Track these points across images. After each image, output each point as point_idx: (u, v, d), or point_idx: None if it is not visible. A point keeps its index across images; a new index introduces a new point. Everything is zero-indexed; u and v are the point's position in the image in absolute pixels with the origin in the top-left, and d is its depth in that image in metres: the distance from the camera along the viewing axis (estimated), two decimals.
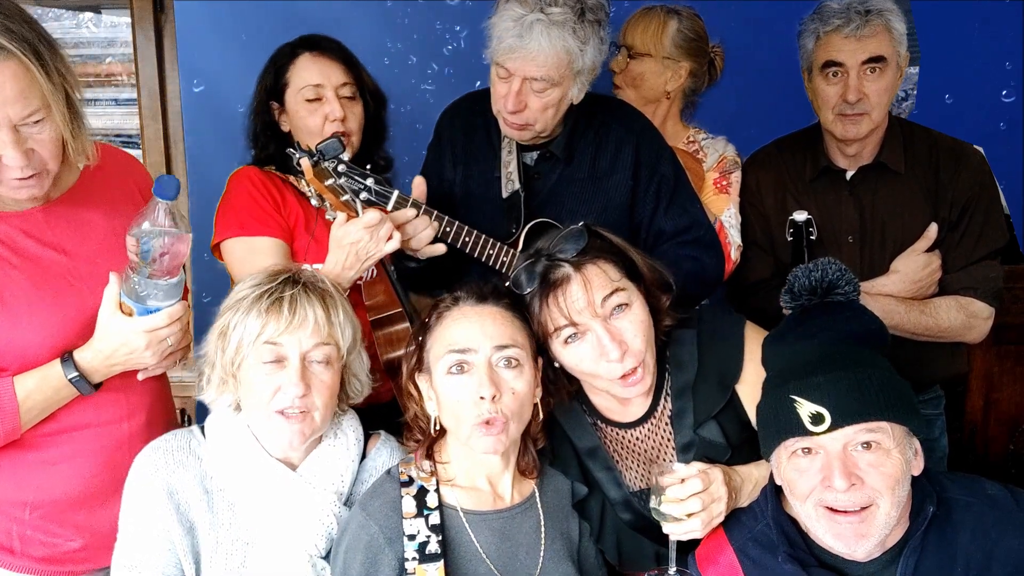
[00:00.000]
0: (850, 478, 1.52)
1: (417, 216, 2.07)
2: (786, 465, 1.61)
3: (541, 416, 1.79)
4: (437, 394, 1.73)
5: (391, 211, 2.04)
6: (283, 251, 2.20)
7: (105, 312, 1.73)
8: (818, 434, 1.54)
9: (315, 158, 1.95)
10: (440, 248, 2.10)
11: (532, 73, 2.08)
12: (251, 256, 2.18)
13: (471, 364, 1.69)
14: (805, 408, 1.54)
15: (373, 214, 1.97)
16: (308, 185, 2.00)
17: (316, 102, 2.28)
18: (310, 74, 2.29)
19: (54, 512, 1.81)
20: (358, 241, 1.97)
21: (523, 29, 2.04)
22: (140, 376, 1.83)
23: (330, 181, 1.96)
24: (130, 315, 1.74)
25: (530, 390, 1.72)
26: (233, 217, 2.22)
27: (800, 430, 1.55)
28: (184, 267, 1.77)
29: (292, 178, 2.29)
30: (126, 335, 1.73)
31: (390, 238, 1.99)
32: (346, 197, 1.98)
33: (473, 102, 2.37)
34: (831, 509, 1.56)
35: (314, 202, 2.02)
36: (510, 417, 1.68)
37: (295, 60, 2.32)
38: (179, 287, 1.75)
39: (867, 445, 1.54)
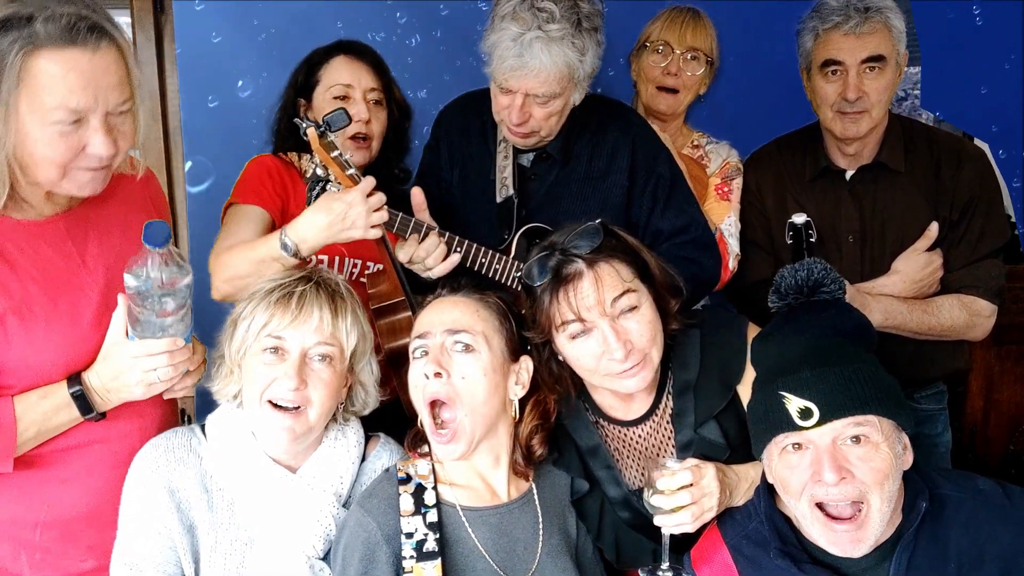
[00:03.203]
0: (840, 471, 1.53)
1: (421, 241, 2.09)
2: (777, 463, 1.61)
3: (530, 419, 1.80)
4: None
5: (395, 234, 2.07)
6: (263, 220, 2.21)
7: (110, 336, 1.71)
8: (807, 428, 1.55)
9: (321, 128, 1.96)
10: (454, 260, 2.12)
11: (535, 89, 2.10)
12: (233, 219, 2.21)
13: (427, 349, 1.73)
14: (793, 403, 1.55)
15: (370, 180, 1.98)
16: (312, 157, 2.00)
17: (343, 102, 2.33)
18: (341, 75, 2.37)
19: (67, 532, 1.78)
20: (353, 204, 1.95)
21: (523, 48, 2.05)
22: (167, 396, 1.80)
23: (336, 153, 1.97)
24: None
25: (487, 378, 1.72)
26: (235, 189, 2.28)
27: (789, 425, 1.56)
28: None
29: (304, 158, 2.32)
30: (117, 359, 1.69)
31: (379, 209, 1.99)
32: (352, 171, 1.99)
33: (470, 103, 2.37)
34: (829, 516, 1.56)
35: (319, 170, 2.00)
36: (458, 404, 1.70)
37: (330, 60, 2.39)
38: (185, 319, 1.69)
39: (856, 439, 1.55)
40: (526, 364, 1.80)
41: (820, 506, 1.57)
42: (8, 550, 1.75)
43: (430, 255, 2.09)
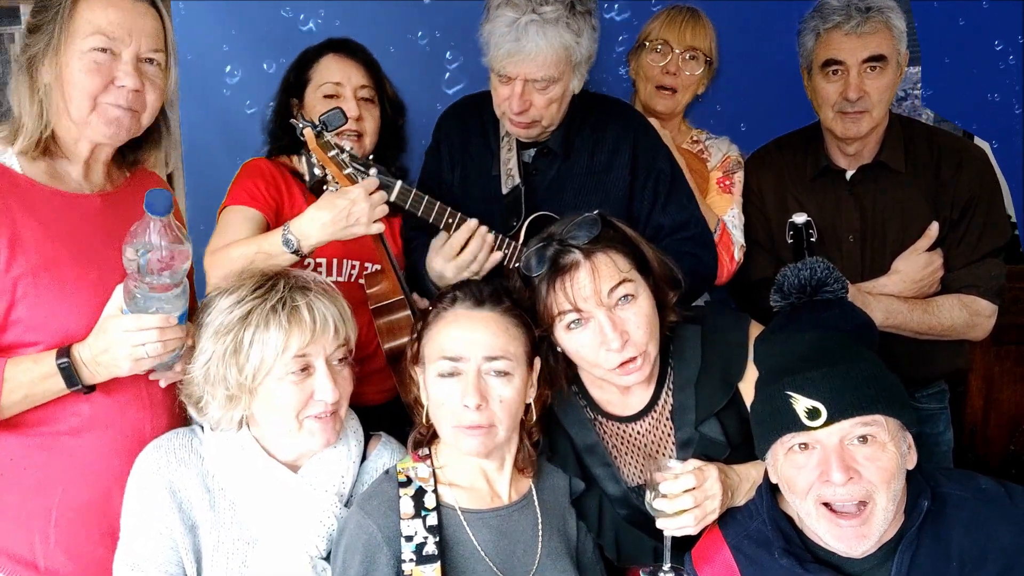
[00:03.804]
0: (848, 471, 1.53)
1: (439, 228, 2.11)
2: (783, 462, 1.61)
3: (535, 413, 1.80)
4: (428, 393, 1.76)
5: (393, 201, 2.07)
6: (258, 222, 2.19)
7: (106, 310, 1.72)
8: (815, 429, 1.54)
9: (318, 128, 1.97)
10: (496, 257, 2.14)
11: (533, 74, 2.10)
12: (227, 220, 2.20)
13: (461, 371, 1.70)
14: (801, 403, 1.55)
15: (374, 179, 1.99)
16: (309, 155, 2.00)
17: (334, 99, 2.33)
18: (331, 73, 2.37)
19: (81, 518, 1.78)
20: (356, 201, 1.95)
21: (519, 33, 2.05)
22: (163, 383, 1.82)
23: (333, 152, 1.98)
24: None
25: (519, 396, 1.73)
26: (229, 191, 2.27)
27: (796, 425, 1.56)
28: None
29: (295, 159, 2.31)
30: (109, 332, 1.69)
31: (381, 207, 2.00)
32: (349, 170, 1.99)
33: (469, 105, 2.39)
34: (833, 511, 1.56)
35: (318, 170, 2.01)
36: (496, 424, 1.70)
37: (320, 59, 2.40)
38: (181, 298, 1.70)
39: (863, 439, 1.55)
40: (538, 367, 1.80)
41: (826, 504, 1.57)
42: (22, 537, 1.75)
43: (478, 253, 2.12)
